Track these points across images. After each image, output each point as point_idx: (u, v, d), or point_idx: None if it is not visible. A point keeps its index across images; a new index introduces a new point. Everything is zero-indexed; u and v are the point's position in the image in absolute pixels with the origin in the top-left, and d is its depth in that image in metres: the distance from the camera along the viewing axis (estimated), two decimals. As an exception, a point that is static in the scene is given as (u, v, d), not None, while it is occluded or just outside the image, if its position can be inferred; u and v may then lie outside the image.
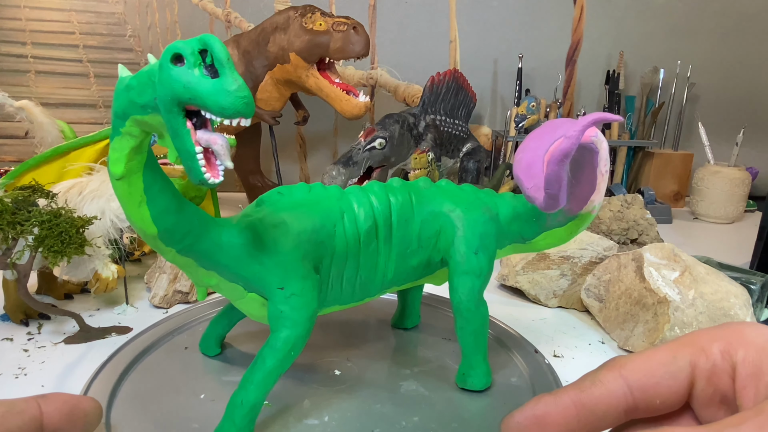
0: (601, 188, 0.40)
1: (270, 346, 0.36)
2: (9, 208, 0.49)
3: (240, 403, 0.35)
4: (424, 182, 0.45)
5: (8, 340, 0.53)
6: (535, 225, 0.44)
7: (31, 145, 0.75)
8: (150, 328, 0.51)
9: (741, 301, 0.53)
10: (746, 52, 1.25)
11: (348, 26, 0.79)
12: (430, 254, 0.43)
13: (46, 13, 1.07)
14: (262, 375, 0.35)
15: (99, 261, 0.56)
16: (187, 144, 0.28)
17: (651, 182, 1.18)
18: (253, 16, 1.12)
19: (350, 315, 0.56)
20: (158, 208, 0.32)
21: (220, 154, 0.28)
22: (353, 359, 0.47)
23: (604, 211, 0.78)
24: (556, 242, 0.45)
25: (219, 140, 0.28)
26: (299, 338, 0.36)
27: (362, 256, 0.40)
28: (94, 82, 1.12)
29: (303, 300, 0.36)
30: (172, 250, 0.34)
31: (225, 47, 0.26)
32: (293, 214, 0.37)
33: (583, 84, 1.24)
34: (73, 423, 0.25)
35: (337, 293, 0.41)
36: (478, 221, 0.43)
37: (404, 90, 1.12)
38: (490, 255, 0.43)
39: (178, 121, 0.28)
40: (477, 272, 0.42)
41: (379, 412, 0.40)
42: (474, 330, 0.42)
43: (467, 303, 0.42)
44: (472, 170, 0.98)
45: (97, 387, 0.41)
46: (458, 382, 0.44)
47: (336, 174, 0.78)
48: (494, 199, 0.45)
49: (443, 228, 0.43)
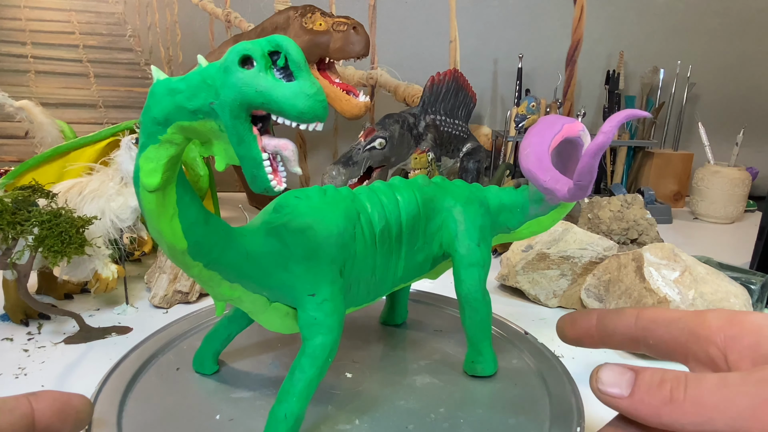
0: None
1: (308, 355, 0.34)
2: (9, 208, 0.49)
3: (284, 417, 0.34)
4: (422, 179, 0.45)
5: (8, 340, 0.53)
6: (519, 215, 0.46)
7: (31, 145, 0.75)
8: (138, 347, 0.47)
9: (741, 301, 0.53)
10: (746, 52, 1.25)
11: (348, 26, 0.79)
12: (433, 249, 0.44)
13: (46, 13, 1.07)
14: (303, 384, 0.34)
15: (99, 261, 0.56)
16: (254, 151, 0.26)
17: (651, 182, 1.18)
18: (253, 16, 1.12)
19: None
20: (189, 220, 0.30)
21: (290, 161, 0.27)
22: (358, 360, 0.47)
23: (604, 211, 0.78)
24: (539, 230, 0.47)
25: (290, 146, 0.27)
26: (335, 343, 0.35)
27: (378, 257, 0.40)
28: (94, 82, 1.12)
29: (334, 304, 0.36)
30: (199, 264, 0.32)
31: (299, 49, 0.25)
32: (317, 219, 0.36)
33: (583, 84, 1.24)
34: (64, 420, 0.25)
35: (355, 295, 0.40)
36: (477, 214, 0.44)
37: (404, 90, 1.12)
38: (488, 246, 0.45)
39: (245, 127, 0.26)
40: (481, 263, 0.44)
41: (405, 408, 0.40)
42: (482, 319, 0.44)
43: (475, 293, 0.43)
44: (472, 170, 0.98)
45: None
46: (467, 369, 0.45)
47: (336, 174, 0.78)
48: (483, 192, 0.47)
49: (445, 223, 0.44)
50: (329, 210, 0.37)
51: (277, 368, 0.45)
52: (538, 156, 0.37)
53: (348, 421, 0.38)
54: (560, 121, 0.38)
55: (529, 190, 0.45)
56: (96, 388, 0.40)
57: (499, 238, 0.49)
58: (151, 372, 0.44)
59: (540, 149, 0.37)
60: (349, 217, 0.38)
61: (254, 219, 0.38)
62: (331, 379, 0.43)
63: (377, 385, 0.43)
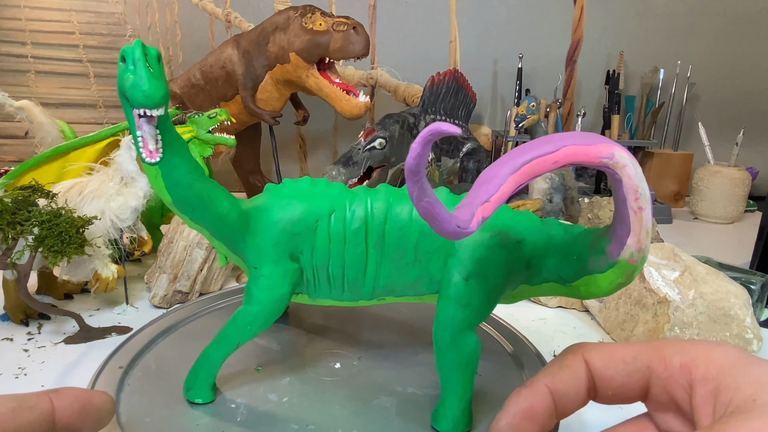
0: (636, 230, 0.30)
1: (233, 317, 0.40)
2: (9, 208, 0.49)
3: (202, 355, 0.40)
4: (446, 194, 0.41)
5: (8, 340, 0.53)
6: (575, 263, 0.36)
7: (31, 145, 0.75)
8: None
9: (741, 301, 0.53)
10: (746, 52, 1.25)
11: (348, 26, 0.79)
12: (431, 270, 0.39)
13: (46, 13, 1.07)
14: (219, 336, 0.40)
15: (99, 261, 0.56)
16: (132, 130, 0.34)
17: (651, 182, 1.18)
18: (253, 16, 1.12)
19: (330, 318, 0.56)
20: (172, 180, 0.36)
21: (146, 141, 0.34)
22: (361, 353, 0.48)
23: (604, 211, 0.78)
24: (596, 292, 0.35)
25: (144, 128, 0.33)
26: (258, 316, 0.39)
27: (347, 256, 0.40)
28: (94, 82, 1.12)
29: (269, 283, 0.39)
30: (186, 217, 0.39)
31: (139, 48, 0.32)
32: (278, 203, 0.40)
33: (583, 84, 1.24)
34: (85, 418, 0.24)
35: (326, 288, 0.41)
36: (480, 244, 0.37)
37: (404, 90, 1.12)
38: (488, 286, 0.37)
39: (127, 111, 0.33)
40: (463, 301, 0.36)
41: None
42: (446, 365, 0.37)
43: (441, 332, 0.37)
44: (472, 170, 0.98)
45: None
46: (432, 416, 0.39)
47: (336, 174, 0.78)
48: (524, 222, 0.38)
49: (443, 245, 0.38)
50: (297, 199, 0.40)
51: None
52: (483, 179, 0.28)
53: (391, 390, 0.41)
54: (530, 153, 0.27)
55: (592, 235, 0.34)
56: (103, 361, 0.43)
57: (552, 289, 0.38)
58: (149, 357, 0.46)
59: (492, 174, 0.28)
60: (313, 210, 0.39)
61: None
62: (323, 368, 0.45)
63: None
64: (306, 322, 0.54)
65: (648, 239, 0.30)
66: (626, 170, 0.27)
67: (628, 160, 0.27)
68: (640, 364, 0.22)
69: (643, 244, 0.30)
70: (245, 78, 0.86)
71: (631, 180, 0.27)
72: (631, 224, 0.29)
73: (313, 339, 0.50)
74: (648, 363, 0.22)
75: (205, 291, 0.63)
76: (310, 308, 0.55)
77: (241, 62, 0.86)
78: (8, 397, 0.22)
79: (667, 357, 0.22)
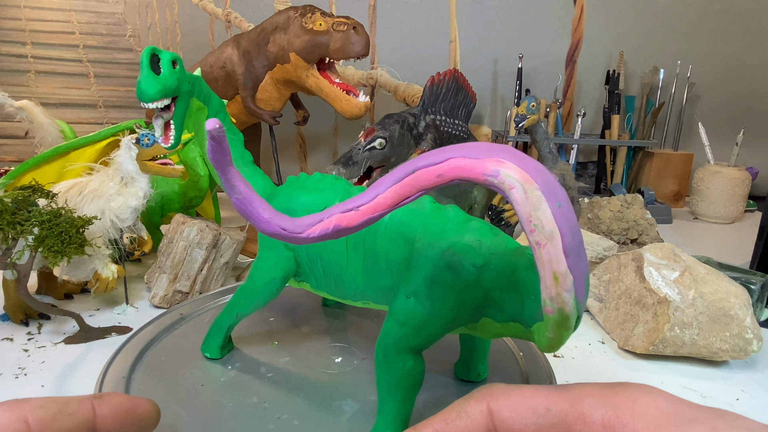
0: (540, 271, 0.23)
1: (236, 291, 0.44)
2: (9, 208, 0.49)
3: (214, 321, 0.45)
4: (430, 204, 0.38)
5: (8, 340, 0.53)
6: (534, 304, 0.30)
7: (31, 145, 0.75)
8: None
9: (741, 301, 0.53)
10: (746, 52, 1.25)
11: (348, 26, 0.79)
12: (402, 283, 0.35)
13: (46, 13, 1.07)
14: (225, 307, 0.44)
15: (99, 261, 0.56)
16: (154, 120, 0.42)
17: (651, 182, 1.18)
18: (253, 16, 1.12)
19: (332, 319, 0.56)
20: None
21: (156, 129, 0.42)
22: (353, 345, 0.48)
23: (604, 211, 0.78)
24: (541, 345, 0.29)
25: (154, 122, 0.41)
26: (249, 292, 0.43)
27: (331, 254, 0.40)
28: (94, 82, 1.12)
29: (263, 265, 0.42)
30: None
31: (145, 54, 0.38)
32: (280, 195, 0.42)
33: (583, 84, 1.24)
34: (128, 427, 0.24)
35: (320, 279, 0.42)
36: (431, 262, 0.33)
37: (404, 90, 1.12)
38: (429, 309, 0.33)
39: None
40: (400, 319, 0.33)
41: None
42: (378, 383, 0.35)
43: (377, 348, 0.34)
44: (472, 170, 0.97)
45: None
46: None
47: (336, 174, 0.78)
48: (494, 245, 0.32)
49: (410, 257, 0.35)
50: (296, 192, 0.42)
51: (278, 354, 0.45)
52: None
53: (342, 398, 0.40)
54: (417, 163, 0.24)
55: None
56: (105, 361, 0.43)
57: (519, 331, 0.32)
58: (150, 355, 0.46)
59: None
60: (304, 204, 0.40)
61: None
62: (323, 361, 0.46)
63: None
64: (335, 311, 0.56)
65: (563, 285, 0.22)
66: (513, 193, 0.21)
67: (517, 181, 0.21)
68: (554, 418, 0.19)
69: (552, 291, 0.23)
70: (245, 78, 0.86)
71: (519, 206, 0.22)
72: (537, 263, 0.23)
73: (330, 328, 0.51)
74: (563, 417, 0.19)
75: (205, 291, 0.63)
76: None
77: (241, 62, 0.86)
78: (51, 400, 0.22)
79: (587, 411, 0.19)
